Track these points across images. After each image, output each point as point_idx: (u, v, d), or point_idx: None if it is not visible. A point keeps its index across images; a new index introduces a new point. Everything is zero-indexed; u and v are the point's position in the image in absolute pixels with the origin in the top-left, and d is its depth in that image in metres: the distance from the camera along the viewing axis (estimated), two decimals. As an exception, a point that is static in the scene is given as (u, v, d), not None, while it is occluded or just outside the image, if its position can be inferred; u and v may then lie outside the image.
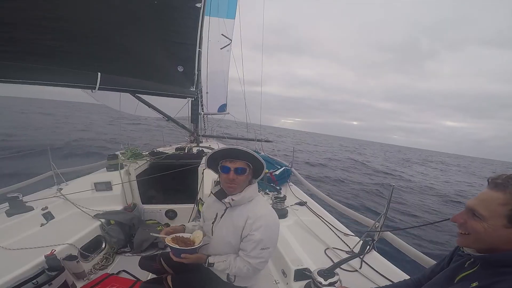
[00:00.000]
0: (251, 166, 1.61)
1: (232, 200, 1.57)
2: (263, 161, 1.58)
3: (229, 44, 8.43)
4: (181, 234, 1.63)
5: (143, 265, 1.84)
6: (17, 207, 2.37)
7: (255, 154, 1.55)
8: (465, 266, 1.05)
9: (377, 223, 2.23)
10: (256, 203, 1.64)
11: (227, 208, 1.64)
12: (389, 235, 2.26)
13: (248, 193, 1.61)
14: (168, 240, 1.51)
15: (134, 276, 2.24)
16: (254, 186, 1.68)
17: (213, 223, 1.68)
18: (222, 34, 8.20)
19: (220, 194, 1.67)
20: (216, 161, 1.64)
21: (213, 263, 1.58)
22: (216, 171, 1.71)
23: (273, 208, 3.00)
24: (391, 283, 1.89)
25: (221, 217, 1.66)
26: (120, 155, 3.59)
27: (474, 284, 0.93)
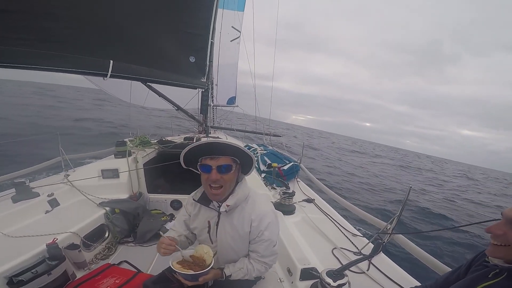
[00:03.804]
0: (238, 161, 1.40)
1: (228, 206, 1.39)
2: (251, 154, 1.37)
3: (238, 37, 8.38)
4: (186, 254, 1.42)
5: None
6: (23, 193, 2.34)
7: (241, 147, 1.33)
8: (489, 276, 0.98)
9: (389, 225, 2.14)
10: (253, 202, 1.48)
11: (220, 213, 1.47)
12: (401, 238, 2.19)
13: (241, 192, 1.44)
14: (177, 267, 1.30)
15: (135, 267, 2.21)
16: (245, 182, 1.51)
17: (208, 232, 1.52)
18: (232, 27, 8.17)
19: (205, 200, 1.50)
20: (195, 158, 1.40)
21: (231, 275, 1.45)
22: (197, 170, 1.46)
23: (281, 203, 2.95)
24: (399, 287, 1.84)
25: (216, 225, 1.49)
26: (129, 142, 3.56)
27: None
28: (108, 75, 2.33)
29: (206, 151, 1.33)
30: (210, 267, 1.34)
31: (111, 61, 2.31)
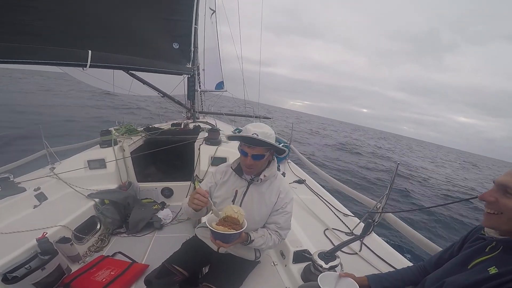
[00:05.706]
0: (271, 149, 1.56)
1: (265, 176, 1.57)
2: (284, 149, 1.55)
3: (213, 13, 8.13)
4: (217, 212, 1.42)
5: (158, 284, 1.57)
6: (9, 188, 2.28)
7: (275, 144, 1.48)
8: (486, 251, 0.98)
9: (378, 203, 2.16)
10: (280, 178, 1.71)
11: (249, 184, 1.63)
12: (391, 217, 2.21)
13: (274, 168, 1.64)
14: (221, 229, 1.28)
15: (129, 258, 2.21)
16: (275, 162, 1.68)
17: (233, 200, 1.62)
18: (210, 8, 7.90)
19: (240, 170, 1.66)
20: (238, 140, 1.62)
21: (254, 240, 1.55)
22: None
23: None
24: (391, 267, 1.86)
25: (244, 194, 1.63)
26: (114, 131, 3.47)
27: (493, 271, 0.87)
28: (88, 65, 2.26)
29: (246, 141, 1.50)
30: (246, 225, 1.37)
31: (90, 51, 2.23)
